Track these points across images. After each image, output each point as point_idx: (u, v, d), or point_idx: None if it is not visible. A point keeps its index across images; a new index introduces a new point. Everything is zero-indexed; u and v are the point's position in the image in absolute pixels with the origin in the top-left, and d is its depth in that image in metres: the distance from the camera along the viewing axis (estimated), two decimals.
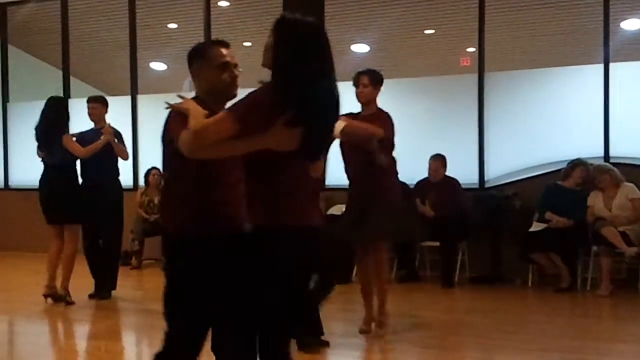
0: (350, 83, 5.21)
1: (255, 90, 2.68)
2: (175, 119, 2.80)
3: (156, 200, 9.10)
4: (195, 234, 2.83)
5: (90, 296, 6.90)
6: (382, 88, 5.32)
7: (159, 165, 9.19)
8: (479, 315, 6.31)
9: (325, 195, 7.63)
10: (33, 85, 11.51)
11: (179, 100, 2.88)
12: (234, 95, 2.94)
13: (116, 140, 6.89)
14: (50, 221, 6.79)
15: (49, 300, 6.68)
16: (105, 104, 7.03)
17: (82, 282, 6.87)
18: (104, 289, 6.95)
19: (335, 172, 5.18)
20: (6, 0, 10.64)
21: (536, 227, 7.44)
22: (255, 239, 2.70)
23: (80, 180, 6.88)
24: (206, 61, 2.94)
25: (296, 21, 2.73)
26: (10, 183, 10.89)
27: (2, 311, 6.76)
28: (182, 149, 2.66)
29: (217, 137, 2.59)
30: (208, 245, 2.83)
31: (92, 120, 6.99)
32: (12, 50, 11.19)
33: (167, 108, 2.91)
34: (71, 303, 6.64)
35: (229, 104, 2.86)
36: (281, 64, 2.67)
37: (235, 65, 2.97)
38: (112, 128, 6.87)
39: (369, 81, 5.25)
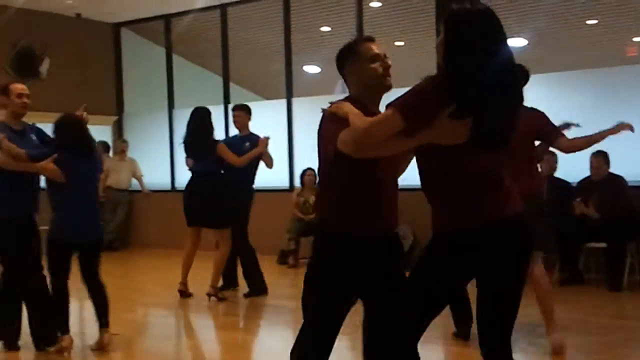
0: None
1: (419, 84, 2.64)
2: (331, 123, 2.78)
3: (311, 201, 9.25)
4: (350, 234, 2.83)
5: (245, 295, 7.10)
6: (540, 82, 5.12)
7: (314, 166, 9.42)
8: None
9: None
10: (195, 92, 12.04)
11: (328, 105, 2.88)
12: (389, 87, 2.92)
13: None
14: (193, 223, 7.20)
15: (179, 296, 7.09)
16: (248, 112, 7.37)
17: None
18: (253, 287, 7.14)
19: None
20: (170, 11, 11.22)
21: None
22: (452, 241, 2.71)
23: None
24: (357, 57, 2.92)
25: (465, 13, 2.63)
26: (176, 185, 11.44)
27: (167, 306, 7.08)
28: (346, 148, 2.64)
29: (385, 134, 2.58)
30: (362, 245, 2.84)
31: (236, 127, 7.42)
32: (176, 58, 11.78)
33: (323, 112, 2.90)
34: (223, 299, 6.93)
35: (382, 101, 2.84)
36: (450, 58, 2.61)
37: (385, 56, 2.94)
38: (255, 135, 7.13)
39: None
